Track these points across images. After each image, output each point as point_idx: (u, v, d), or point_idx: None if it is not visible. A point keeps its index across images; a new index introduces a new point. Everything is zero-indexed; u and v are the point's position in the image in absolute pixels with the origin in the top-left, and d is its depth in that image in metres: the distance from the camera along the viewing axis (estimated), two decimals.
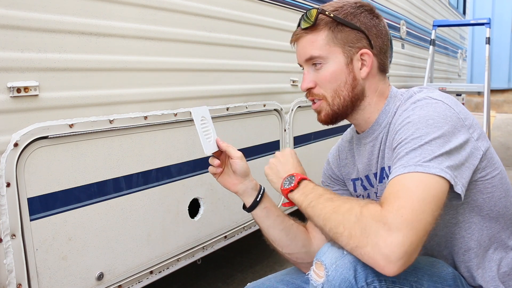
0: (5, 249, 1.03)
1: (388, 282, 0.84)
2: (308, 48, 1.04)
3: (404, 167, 0.85)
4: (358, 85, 1.04)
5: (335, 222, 0.85)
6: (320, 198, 0.93)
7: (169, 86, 1.43)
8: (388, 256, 0.76)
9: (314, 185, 1.00)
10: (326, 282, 0.83)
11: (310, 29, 1.03)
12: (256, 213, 1.14)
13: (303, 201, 0.96)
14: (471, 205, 0.97)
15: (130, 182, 1.32)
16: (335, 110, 1.05)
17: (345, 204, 0.87)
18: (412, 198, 0.79)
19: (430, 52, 4.08)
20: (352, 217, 0.82)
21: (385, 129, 1.05)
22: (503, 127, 7.15)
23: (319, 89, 1.05)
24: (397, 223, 0.77)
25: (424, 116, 0.91)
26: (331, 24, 1.02)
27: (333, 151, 1.28)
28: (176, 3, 1.43)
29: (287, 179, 1.04)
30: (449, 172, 0.84)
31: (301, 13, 1.08)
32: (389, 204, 0.80)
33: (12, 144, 1.03)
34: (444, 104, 0.93)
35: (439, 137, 0.87)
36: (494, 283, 0.99)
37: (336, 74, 1.03)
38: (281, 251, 1.16)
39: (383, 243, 0.76)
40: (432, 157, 0.84)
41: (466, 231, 1.00)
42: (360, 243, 0.79)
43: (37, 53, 1.06)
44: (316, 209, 0.92)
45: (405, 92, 1.06)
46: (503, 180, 0.99)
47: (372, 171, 1.10)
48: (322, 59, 1.03)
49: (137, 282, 1.37)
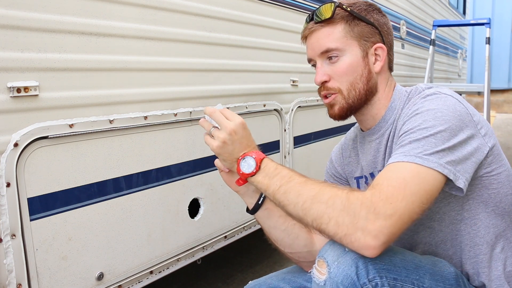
0: (5, 249, 1.03)
1: (389, 279, 0.85)
2: (325, 40, 1.03)
3: (404, 155, 0.86)
4: (372, 78, 1.06)
5: (318, 212, 0.84)
6: (290, 182, 0.90)
7: (169, 86, 1.43)
8: (374, 240, 0.78)
9: (275, 165, 0.96)
10: (328, 279, 0.83)
11: (327, 22, 1.04)
12: (258, 215, 1.13)
13: (268, 185, 0.93)
14: (476, 200, 0.98)
15: (130, 182, 1.32)
16: (349, 103, 1.05)
17: (325, 191, 0.85)
18: (405, 189, 0.81)
19: (430, 52, 4.08)
20: (337, 205, 0.82)
21: (392, 126, 1.05)
22: (503, 127, 7.15)
23: (334, 82, 1.05)
24: (386, 210, 0.79)
25: (433, 109, 0.92)
26: (348, 17, 1.04)
27: (336, 149, 1.28)
28: (176, 3, 1.43)
29: (244, 161, 0.98)
30: (449, 167, 0.85)
31: (302, 13, 1.08)
32: (381, 190, 0.81)
33: (12, 144, 1.03)
34: (453, 99, 0.95)
35: (445, 130, 0.88)
36: (498, 282, 0.99)
37: (353, 67, 1.03)
38: (283, 250, 1.15)
39: (372, 227, 0.78)
40: (434, 151, 0.85)
41: (472, 228, 1.00)
42: (349, 230, 0.80)
43: (37, 53, 1.06)
44: (289, 196, 0.89)
45: (412, 89, 1.07)
46: (509, 177, 1.00)
47: (378, 168, 1.10)
48: (339, 52, 1.03)
49: (137, 282, 1.37)
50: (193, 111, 1.50)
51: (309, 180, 0.90)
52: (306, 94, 2.16)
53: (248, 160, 0.97)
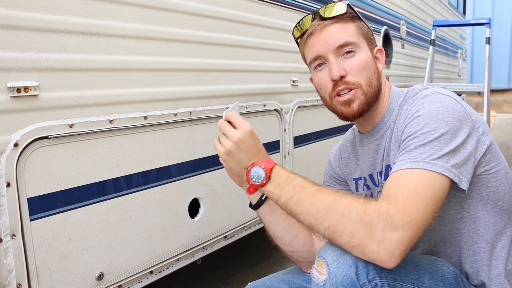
0: (5, 249, 1.03)
1: (389, 279, 0.85)
2: (341, 34, 1.02)
3: (412, 161, 0.87)
4: (381, 77, 1.08)
5: (333, 221, 0.84)
6: (303, 191, 0.90)
7: (169, 86, 1.43)
8: (392, 252, 0.79)
9: (287, 173, 0.95)
10: (328, 280, 0.83)
11: (340, 17, 1.03)
12: (260, 210, 1.12)
13: (280, 195, 0.93)
14: (475, 199, 0.98)
15: (130, 182, 1.32)
16: (368, 98, 1.04)
17: (340, 201, 0.85)
18: (419, 198, 0.82)
19: (430, 52, 4.08)
20: (353, 215, 0.82)
21: (390, 127, 1.06)
22: (503, 127, 7.15)
23: (352, 76, 1.02)
24: (404, 222, 0.80)
25: (434, 110, 0.93)
26: (355, 18, 1.06)
27: (334, 151, 1.28)
28: (176, 3, 1.43)
29: (253, 171, 0.96)
30: (454, 171, 0.87)
31: (302, 13, 1.08)
32: (396, 201, 0.81)
33: (12, 144, 1.03)
34: (452, 99, 0.96)
35: (447, 132, 0.89)
36: (498, 280, 0.99)
37: (368, 63, 1.04)
38: (283, 248, 1.15)
39: (388, 240, 0.79)
40: (440, 155, 0.86)
41: (471, 226, 1.00)
42: (364, 241, 0.80)
43: (37, 53, 1.06)
44: (302, 205, 0.89)
45: (408, 90, 1.07)
46: (507, 175, 1.01)
47: (377, 169, 1.10)
48: (355, 47, 1.03)
49: (137, 282, 1.37)
50: (193, 111, 1.50)
51: (323, 189, 0.90)
52: (306, 94, 2.16)
53: (257, 170, 0.96)
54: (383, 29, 3.17)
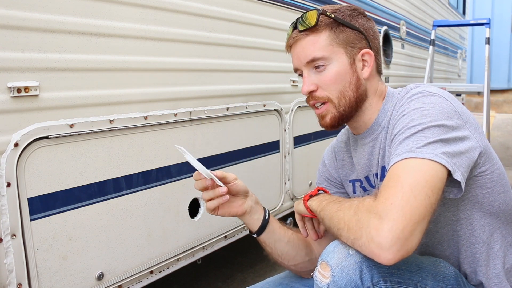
0: (6, 249, 1.03)
1: (393, 282, 0.85)
2: (310, 49, 1.01)
3: (397, 155, 0.85)
4: (362, 85, 1.04)
5: (338, 219, 0.87)
6: (330, 202, 0.95)
7: (169, 86, 1.43)
8: (381, 243, 0.75)
9: (330, 195, 1.04)
10: (331, 283, 0.83)
11: (311, 30, 1.01)
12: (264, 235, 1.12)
13: (318, 206, 0.99)
14: (471, 201, 0.98)
15: (130, 182, 1.32)
16: (341, 112, 1.03)
17: (347, 203, 0.89)
18: (402, 185, 0.79)
19: (430, 52, 4.08)
20: (350, 212, 0.84)
21: (385, 128, 1.05)
22: (503, 127, 7.15)
23: (322, 91, 1.02)
24: (387, 210, 0.76)
25: (419, 107, 0.91)
26: (332, 24, 1.01)
27: (328, 152, 1.27)
28: (176, 3, 1.43)
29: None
30: (445, 158, 0.83)
31: (302, 13, 1.07)
32: (380, 195, 0.81)
33: (13, 144, 1.03)
34: (440, 97, 0.94)
35: (434, 126, 0.87)
36: (497, 279, 0.99)
37: (340, 75, 1.01)
38: (287, 264, 1.15)
39: (375, 232, 0.76)
40: (425, 143, 0.84)
41: (468, 228, 1.00)
42: (357, 235, 0.80)
43: (37, 53, 1.06)
44: (325, 211, 0.94)
45: (402, 90, 1.06)
46: (501, 175, 1.00)
47: (373, 171, 1.09)
48: (325, 60, 1.01)
49: (137, 282, 1.37)
50: (193, 111, 1.51)
51: (345, 199, 0.95)
52: None
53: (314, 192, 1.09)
54: (383, 29, 3.17)
